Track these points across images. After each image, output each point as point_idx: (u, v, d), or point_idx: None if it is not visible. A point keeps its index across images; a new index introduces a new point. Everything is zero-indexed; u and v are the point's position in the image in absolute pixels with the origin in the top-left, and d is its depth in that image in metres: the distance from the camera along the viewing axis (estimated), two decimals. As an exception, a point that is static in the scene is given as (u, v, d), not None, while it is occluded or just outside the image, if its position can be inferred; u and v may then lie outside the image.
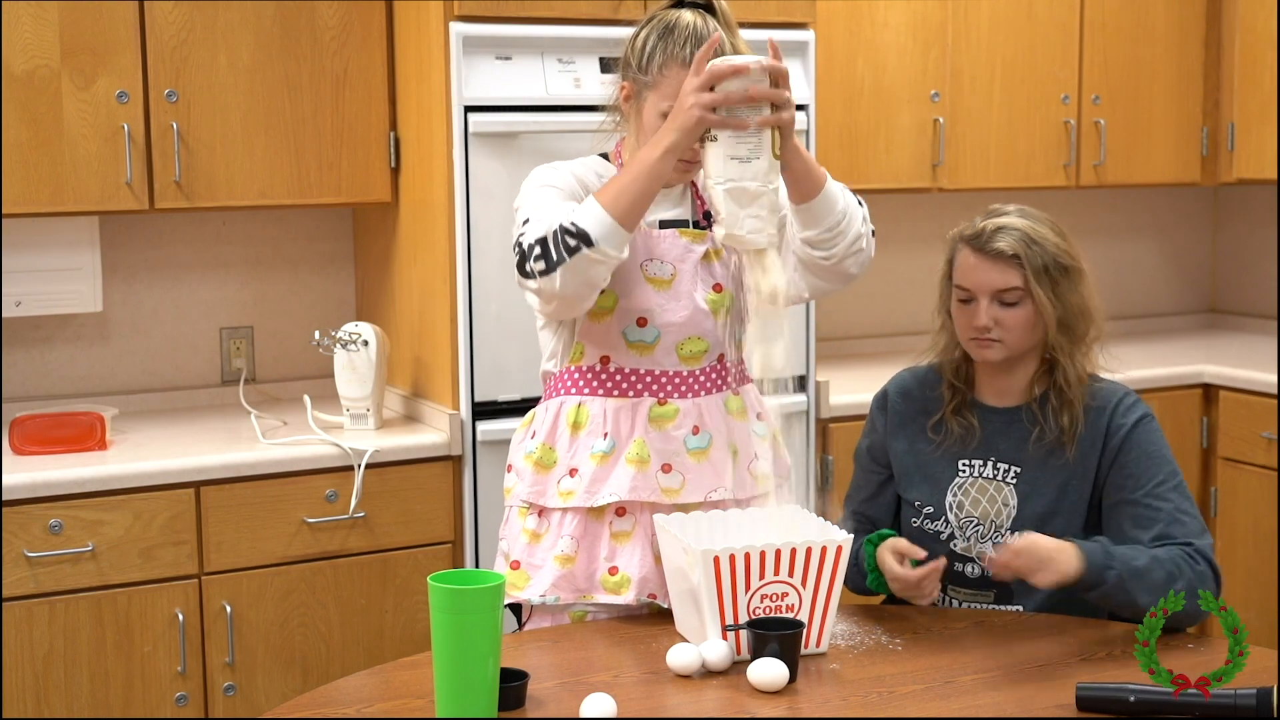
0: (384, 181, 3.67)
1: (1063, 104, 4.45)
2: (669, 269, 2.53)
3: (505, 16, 3.39)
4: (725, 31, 2.46)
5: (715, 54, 2.32)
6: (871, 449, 2.78)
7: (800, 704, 2.15)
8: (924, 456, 2.69)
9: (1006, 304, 2.59)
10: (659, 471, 2.54)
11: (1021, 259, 2.57)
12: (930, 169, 4.28)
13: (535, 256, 2.34)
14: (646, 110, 2.48)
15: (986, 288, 2.59)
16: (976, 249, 2.61)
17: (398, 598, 3.43)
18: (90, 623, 3.16)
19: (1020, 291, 2.58)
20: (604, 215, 2.31)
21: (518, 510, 2.62)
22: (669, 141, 2.31)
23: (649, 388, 2.55)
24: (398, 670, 2.33)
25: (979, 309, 2.60)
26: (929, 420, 2.70)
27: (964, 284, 2.62)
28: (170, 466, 3.23)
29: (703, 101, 2.26)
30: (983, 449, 2.65)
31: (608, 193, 2.34)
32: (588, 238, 2.30)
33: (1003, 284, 2.58)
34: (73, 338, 3.75)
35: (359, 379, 3.52)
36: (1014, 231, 2.60)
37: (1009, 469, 2.63)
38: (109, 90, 3.36)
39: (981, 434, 2.65)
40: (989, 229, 2.61)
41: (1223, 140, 4.64)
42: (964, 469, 2.65)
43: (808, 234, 2.46)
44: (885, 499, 2.76)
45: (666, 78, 2.44)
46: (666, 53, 2.45)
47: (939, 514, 2.65)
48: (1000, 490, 2.62)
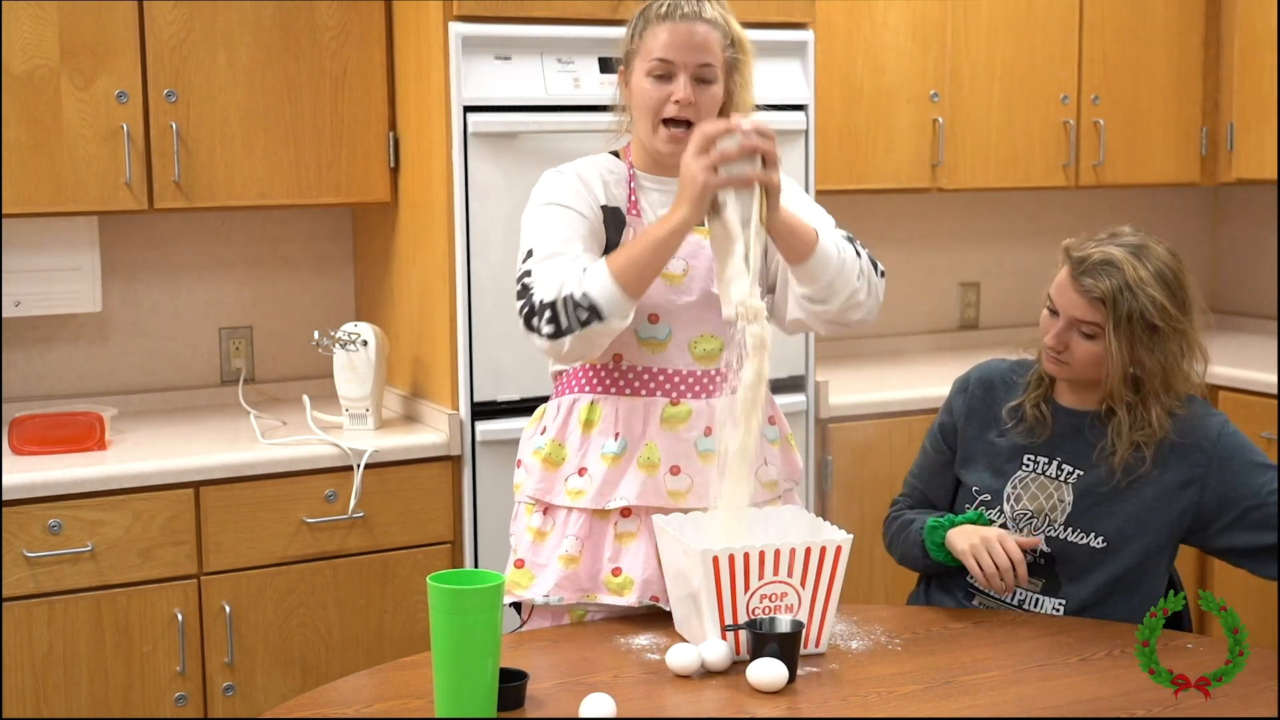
0: (383, 181, 3.67)
1: (1062, 104, 4.45)
2: (681, 264, 2.53)
3: (504, 16, 3.39)
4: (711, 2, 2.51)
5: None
6: (943, 429, 2.81)
7: (799, 704, 2.15)
8: (992, 445, 2.72)
9: (1083, 334, 2.57)
10: (667, 474, 2.53)
11: (1108, 304, 2.53)
12: (930, 169, 4.28)
13: (545, 320, 2.36)
14: (634, 80, 2.51)
15: (1068, 312, 2.58)
16: (1073, 272, 2.57)
17: (397, 598, 3.43)
18: (89, 623, 3.16)
19: (1098, 329, 2.56)
20: (613, 288, 2.32)
21: (524, 506, 2.62)
22: (680, 216, 2.31)
23: (661, 387, 2.54)
24: (397, 670, 2.33)
25: (1057, 327, 2.60)
26: (1005, 407, 2.72)
27: (1054, 298, 2.62)
28: (169, 466, 3.22)
29: (703, 165, 2.27)
30: (1049, 446, 2.66)
31: (618, 262, 2.34)
32: (598, 312, 2.33)
33: (1082, 316, 2.57)
34: (72, 338, 3.75)
35: (358, 379, 3.52)
36: (1115, 273, 2.53)
37: (1072, 471, 2.64)
38: (108, 90, 3.36)
39: (1053, 429, 2.66)
40: (1093, 259, 2.55)
41: (1222, 140, 4.64)
42: (1028, 463, 2.67)
43: (803, 290, 2.48)
44: (945, 481, 2.79)
45: (645, 40, 2.49)
46: (646, 17, 2.50)
47: (995, 503, 2.68)
48: (1059, 489, 2.64)
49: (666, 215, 2.35)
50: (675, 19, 2.47)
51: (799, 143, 3.68)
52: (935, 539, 2.64)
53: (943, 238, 4.81)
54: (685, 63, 2.47)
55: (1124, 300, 2.51)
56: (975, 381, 2.79)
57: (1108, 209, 5.08)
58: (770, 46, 3.61)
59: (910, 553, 2.73)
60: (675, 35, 2.47)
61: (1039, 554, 2.62)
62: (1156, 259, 2.56)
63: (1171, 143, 4.64)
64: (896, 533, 2.79)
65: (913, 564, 2.75)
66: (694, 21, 2.47)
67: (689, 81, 2.47)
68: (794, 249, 2.41)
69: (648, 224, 2.52)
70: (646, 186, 2.58)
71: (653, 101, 2.48)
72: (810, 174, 3.70)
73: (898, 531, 2.78)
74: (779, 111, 3.60)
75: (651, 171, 2.58)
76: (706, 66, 2.48)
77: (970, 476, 2.73)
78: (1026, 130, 4.41)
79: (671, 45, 2.47)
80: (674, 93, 2.47)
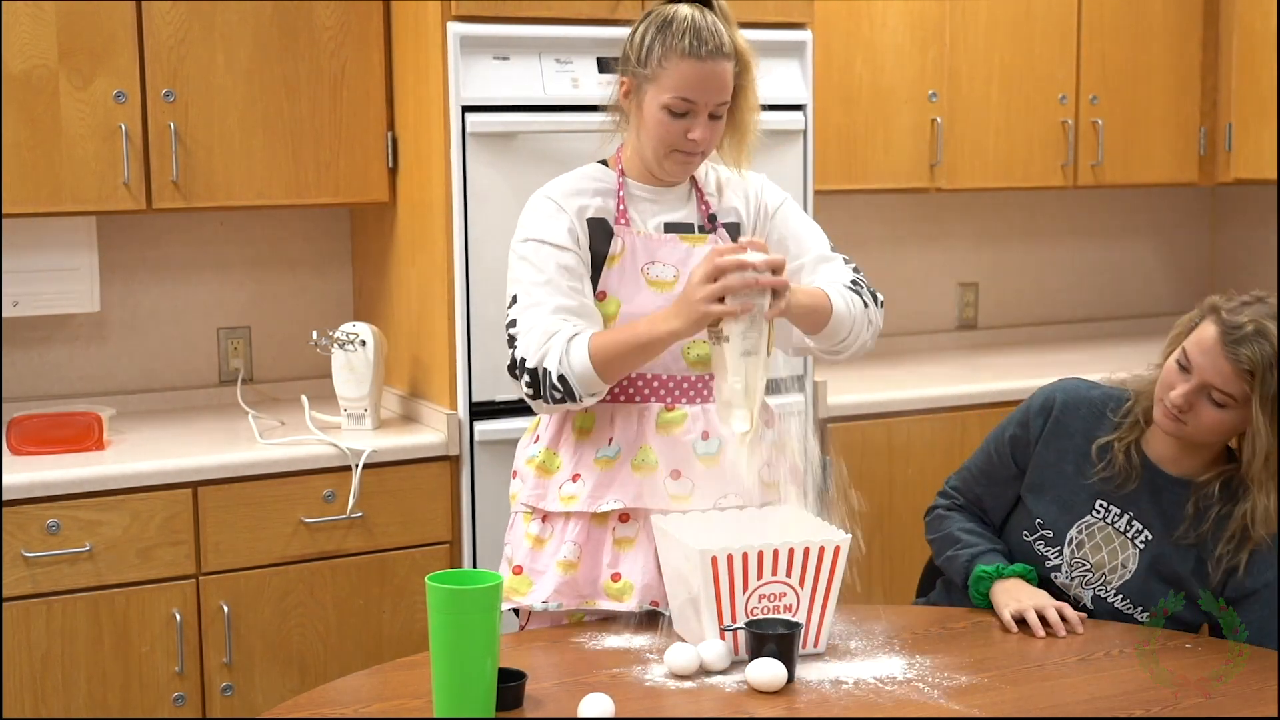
0: (381, 182, 3.67)
1: (1060, 104, 4.45)
2: (671, 271, 2.53)
3: (503, 16, 3.39)
4: (724, 24, 2.49)
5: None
6: (1014, 442, 2.68)
7: (798, 704, 2.15)
8: (1065, 477, 2.61)
9: (1215, 401, 2.43)
10: (667, 478, 2.53)
11: (1256, 376, 2.38)
12: (928, 169, 4.28)
13: (525, 382, 2.47)
14: (647, 103, 2.50)
15: (1205, 375, 2.43)
16: (1222, 338, 2.41)
17: (395, 598, 3.43)
18: (88, 623, 3.15)
19: (1231, 399, 2.42)
20: (590, 375, 2.41)
21: (522, 515, 2.61)
22: (673, 327, 2.35)
23: (655, 393, 2.54)
24: (395, 670, 2.33)
25: (1187, 387, 2.44)
26: (1091, 443, 2.60)
27: (1191, 355, 2.45)
28: (168, 467, 3.22)
29: (708, 293, 2.29)
30: (1126, 499, 2.56)
31: (600, 350, 2.40)
32: (573, 394, 2.42)
33: (1222, 385, 2.41)
34: (70, 338, 3.75)
35: (356, 379, 3.52)
36: (1267, 348, 2.38)
37: (1141, 531, 2.55)
38: (106, 90, 3.36)
39: (1138, 484, 2.56)
40: (1247, 330, 2.39)
41: (1220, 140, 4.64)
42: (1099, 510, 2.58)
43: (815, 344, 2.54)
44: (1007, 495, 2.69)
45: (665, 69, 2.46)
46: (665, 45, 2.46)
47: (1056, 542, 2.60)
48: (1125, 549, 2.56)
49: (659, 319, 2.38)
50: (700, 57, 2.45)
51: (797, 143, 3.68)
52: (981, 589, 2.57)
53: (941, 238, 4.81)
54: (706, 103, 2.47)
55: (1272, 376, 2.37)
56: (1062, 405, 2.64)
57: (1106, 209, 5.08)
58: (769, 46, 3.61)
59: (950, 571, 2.67)
60: (698, 76, 2.45)
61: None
62: None
63: (1170, 143, 4.64)
64: (941, 542, 2.71)
65: (950, 577, 2.70)
66: (717, 59, 2.46)
67: (706, 120, 2.48)
68: (811, 324, 2.49)
69: (636, 233, 2.53)
70: (637, 195, 2.58)
71: (670, 136, 2.49)
72: (809, 174, 3.70)
73: (942, 542, 2.70)
74: (777, 111, 3.60)
75: (644, 180, 2.59)
76: (722, 104, 2.50)
77: (1036, 505, 2.63)
78: (1025, 130, 4.41)
79: (693, 86, 2.45)
80: (690, 129, 2.48)
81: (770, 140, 3.60)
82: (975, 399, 4.04)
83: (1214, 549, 2.50)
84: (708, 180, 2.65)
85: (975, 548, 2.63)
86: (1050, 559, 2.61)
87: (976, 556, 2.61)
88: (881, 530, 3.92)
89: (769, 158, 3.60)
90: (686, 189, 2.62)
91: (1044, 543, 2.62)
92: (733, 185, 2.66)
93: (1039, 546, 2.62)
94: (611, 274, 2.53)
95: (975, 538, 2.66)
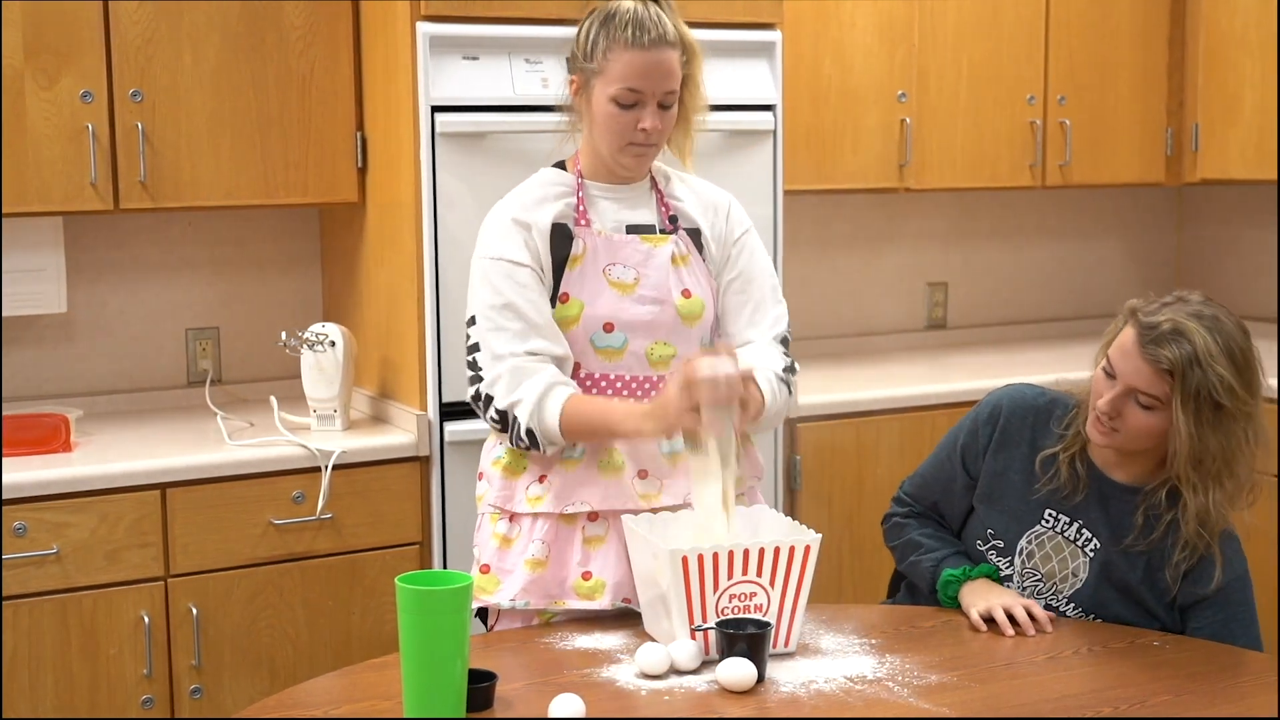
0: (351, 182, 3.66)
1: (1028, 104, 4.47)
2: (631, 273, 2.54)
3: (472, 16, 3.38)
4: (667, 15, 2.51)
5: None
6: (965, 451, 2.65)
7: (769, 704, 2.16)
8: (1014, 487, 2.60)
9: (1140, 404, 2.40)
10: (635, 478, 2.53)
11: (1176, 376, 2.36)
12: (897, 169, 4.29)
13: (491, 417, 2.51)
14: (596, 98, 2.51)
15: (1128, 379, 2.40)
16: (1139, 339, 2.40)
17: (365, 599, 3.42)
18: (55, 626, 3.14)
19: (1157, 401, 2.39)
20: (557, 436, 2.46)
21: (489, 516, 2.61)
22: (645, 431, 2.40)
23: (619, 394, 2.54)
24: (365, 671, 2.33)
25: (1113, 393, 2.42)
26: (1038, 452, 2.58)
27: (1113, 360, 2.44)
28: (136, 468, 3.21)
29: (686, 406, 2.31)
30: (1074, 508, 2.55)
31: (573, 420, 2.44)
32: (539, 446, 2.47)
33: (1144, 386, 2.39)
34: (37, 339, 3.72)
35: (326, 380, 3.51)
36: (1185, 346, 2.35)
37: (1090, 539, 2.54)
38: (73, 90, 3.34)
39: (1085, 494, 2.54)
40: (1163, 329, 2.38)
41: (1187, 141, 4.67)
42: (1048, 519, 2.57)
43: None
44: (963, 504, 2.67)
45: (610, 61, 2.48)
46: (609, 37, 2.49)
47: (1007, 552, 2.60)
48: (1076, 557, 2.55)
49: (635, 418, 2.41)
50: (644, 46, 2.47)
51: (767, 143, 3.68)
52: (949, 592, 2.57)
53: (910, 238, 4.83)
54: (653, 91, 2.49)
55: (1194, 375, 2.34)
56: (1008, 414, 2.61)
57: (1073, 209, 5.10)
58: (737, 47, 3.61)
59: (914, 577, 2.67)
60: (643, 64, 2.47)
61: None
62: (1228, 334, 2.39)
63: (1137, 143, 4.67)
64: (903, 549, 2.70)
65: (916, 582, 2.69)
66: (660, 48, 2.48)
67: (655, 109, 2.50)
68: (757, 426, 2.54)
69: (597, 233, 2.54)
70: (595, 196, 2.59)
71: (620, 128, 2.51)
72: (778, 174, 3.71)
73: (904, 548, 2.70)
74: (746, 112, 3.61)
75: (601, 179, 2.60)
76: (670, 93, 2.51)
77: (988, 515, 2.62)
78: (993, 130, 4.42)
79: (639, 75, 2.47)
80: (640, 120, 2.50)
81: (739, 140, 3.62)
82: (945, 399, 4.05)
83: (1171, 555, 2.48)
84: (670, 183, 2.65)
85: (938, 552, 2.64)
86: (1003, 568, 2.60)
87: (941, 561, 2.62)
88: (851, 530, 3.93)
89: (738, 158, 3.62)
90: (647, 188, 2.63)
91: (995, 553, 2.61)
92: (700, 193, 2.66)
93: (991, 556, 2.62)
94: (573, 276, 2.53)
95: (937, 542, 2.67)
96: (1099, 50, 4.56)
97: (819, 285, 4.65)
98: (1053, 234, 5.09)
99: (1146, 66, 4.64)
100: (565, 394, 2.46)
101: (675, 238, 2.59)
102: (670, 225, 2.60)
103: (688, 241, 2.60)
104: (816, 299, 4.62)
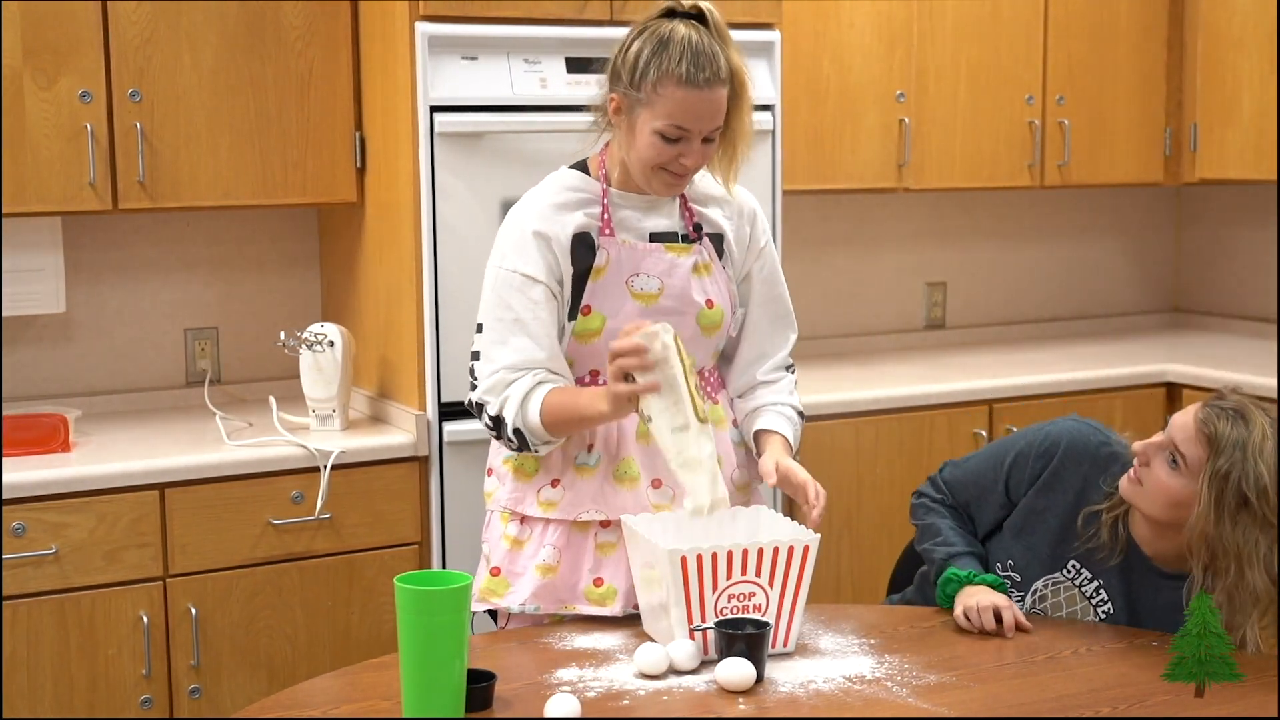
0: (349, 182, 3.66)
1: (1027, 104, 4.47)
2: (655, 283, 2.52)
3: (471, 16, 3.38)
4: (720, 45, 2.45)
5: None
6: (1011, 474, 2.60)
7: (767, 704, 2.16)
8: (1049, 532, 2.55)
9: (1170, 460, 2.37)
10: (649, 488, 2.53)
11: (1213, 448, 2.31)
12: (896, 169, 4.29)
13: (486, 424, 2.52)
14: (639, 127, 2.45)
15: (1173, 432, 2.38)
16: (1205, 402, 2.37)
17: (364, 599, 3.42)
18: (53, 626, 3.13)
19: (1185, 468, 2.35)
20: (541, 432, 2.46)
21: (499, 515, 2.60)
22: (601, 410, 2.41)
23: None
24: (364, 672, 2.33)
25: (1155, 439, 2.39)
26: (1082, 504, 2.53)
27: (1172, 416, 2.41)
28: (134, 468, 3.21)
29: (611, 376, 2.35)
30: (1099, 567, 2.52)
31: (551, 411, 2.44)
32: (529, 446, 2.49)
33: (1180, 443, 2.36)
34: (35, 339, 3.72)
35: (325, 380, 3.51)
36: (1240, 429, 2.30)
37: (1106, 602, 2.52)
38: (71, 90, 3.34)
39: (1119, 561, 2.50)
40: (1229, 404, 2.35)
41: (1185, 140, 4.67)
42: (1070, 569, 2.54)
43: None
44: (991, 516, 2.64)
45: (661, 96, 2.41)
46: (661, 69, 2.41)
47: (1022, 588, 2.58)
48: (1086, 613, 2.54)
49: (594, 399, 2.41)
50: (698, 85, 2.40)
51: (766, 143, 3.68)
52: (948, 590, 2.55)
53: (909, 238, 4.83)
54: (700, 130, 2.44)
55: (1232, 455, 2.29)
56: (1064, 454, 2.55)
57: (1072, 209, 5.11)
58: (737, 47, 3.61)
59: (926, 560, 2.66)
60: (695, 105, 2.41)
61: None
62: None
63: (1135, 143, 4.67)
64: (925, 531, 2.67)
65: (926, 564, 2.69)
66: (714, 87, 2.42)
67: (699, 145, 2.46)
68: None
69: (621, 243, 2.52)
70: (620, 204, 2.56)
71: (662, 159, 2.46)
72: (777, 174, 3.71)
73: (926, 531, 2.67)
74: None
75: (628, 189, 2.56)
76: (716, 129, 2.47)
77: (1013, 546, 2.59)
78: (992, 130, 4.42)
79: (689, 114, 2.42)
80: (683, 155, 2.45)
81: (738, 140, 3.62)
82: (943, 398, 4.05)
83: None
84: (693, 187, 2.61)
85: (954, 546, 2.62)
86: (1014, 597, 2.59)
87: (953, 556, 2.60)
88: (850, 530, 3.93)
89: (737, 158, 3.61)
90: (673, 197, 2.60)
91: (1012, 585, 2.60)
92: (723, 199, 2.63)
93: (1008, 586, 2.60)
94: (596, 287, 2.51)
95: (956, 536, 2.64)
96: (1098, 50, 4.56)
97: (818, 285, 4.65)
98: (1051, 234, 5.10)
99: (1145, 67, 4.64)
100: (545, 390, 2.45)
101: (699, 246, 2.57)
102: (694, 233, 2.59)
103: (710, 249, 2.58)
104: (815, 299, 4.62)
